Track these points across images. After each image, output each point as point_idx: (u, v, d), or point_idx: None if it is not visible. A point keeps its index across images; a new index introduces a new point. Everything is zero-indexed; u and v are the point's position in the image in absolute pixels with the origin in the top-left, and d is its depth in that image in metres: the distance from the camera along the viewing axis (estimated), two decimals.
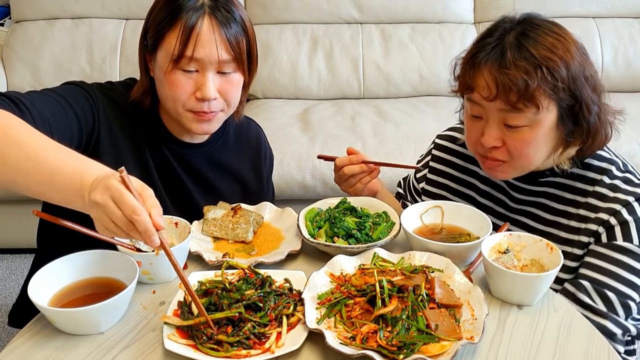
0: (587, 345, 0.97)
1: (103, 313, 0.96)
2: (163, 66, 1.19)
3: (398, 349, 0.89)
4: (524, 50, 1.11)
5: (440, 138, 1.49)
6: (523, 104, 1.11)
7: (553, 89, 1.11)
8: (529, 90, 1.10)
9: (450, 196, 1.42)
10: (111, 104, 1.26)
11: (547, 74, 1.09)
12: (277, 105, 2.91)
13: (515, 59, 1.10)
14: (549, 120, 1.14)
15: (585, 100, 1.13)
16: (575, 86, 1.12)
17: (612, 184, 1.22)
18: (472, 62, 1.16)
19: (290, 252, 1.17)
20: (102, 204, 0.88)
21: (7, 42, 2.95)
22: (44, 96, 1.15)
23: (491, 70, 1.12)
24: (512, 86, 1.10)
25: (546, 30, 1.14)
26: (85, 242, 1.06)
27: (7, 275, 2.61)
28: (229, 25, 1.19)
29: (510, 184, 1.33)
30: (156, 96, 1.28)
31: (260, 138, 1.52)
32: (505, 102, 1.12)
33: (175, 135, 1.33)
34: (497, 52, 1.13)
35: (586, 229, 1.22)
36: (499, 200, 1.35)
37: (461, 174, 1.42)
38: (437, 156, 1.47)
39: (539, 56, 1.10)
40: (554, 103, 1.13)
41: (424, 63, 2.98)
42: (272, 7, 3.03)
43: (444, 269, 1.09)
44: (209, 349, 0.91)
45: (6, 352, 0.95)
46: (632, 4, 3.07)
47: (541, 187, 1.29)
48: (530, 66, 1.10)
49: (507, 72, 1.10)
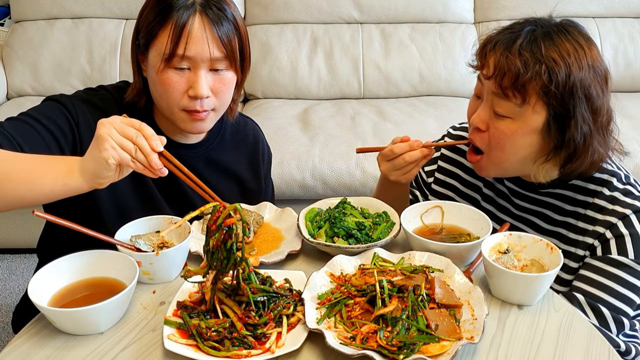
0: (587, 346, 0.97)
1: (103, 313, 0.96)
2: (155, 65, 1.20)
3: (398, 349, 0.89)
4: (535, 44, 1.12)
5: (451, 137, 1.47)
6: (512, 91, 1.12)
7: (545, 90, 1.10)
8: (520, 79, 1.11)
9: (456, 197, 1.42)
10: (92, 110, 1.25)
11: (544, 72, 1.10)
12: (277, 105, 2.91)
13: (522, 48, 1.12)
14: (534, 121, 1.14)
15: (576, 116, 1.11)
16: (569, 97, 1.11)
17: (611, 196, 1.21)
18: (490, 40, 1.19)
19: (290, 252, 1.17)
20: (108, 124, 0.97)
21: (7, 42, 2.95)
22: (16, 121, 1.17)
23: (498, 51, 1.15)
24: (507, 71, 1.12)
25: (570, 37, 1.13)
26: (85, 242, 1.06)
27: (7, 275, 2.60)
28: (220, 23, 1.19)
29: (512, 190, 1.32)
30: (150, 97, 1.28)
31: (257, 136, 1.52)
32: (497, 85, 1.14)
33: (170, 136, 1.33)
34: (512, 38, 1.15)
35: (583, 242, 1.22)
36: (502, 206, 1.35)
37: (468, 176, 1.41)
38: (446, 156, 1.46)
39: (545, 54, 1.11)
40: (544, 106, 1.13)
41: (424, 63, 2.98)
42: (272, 7, 3.03)
43: (444, 269, 1.09)
44: (209, 349, 0.92)
45: (6, 352, 0.95)
46: (633, 4, 3.07)
47: (543, 196, 1.28)
48: (532, 59, 1.11)
49: (508, 56, 1.12)
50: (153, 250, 1.10)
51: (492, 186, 1.36)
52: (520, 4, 3.03)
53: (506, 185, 1.33)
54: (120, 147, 0.96)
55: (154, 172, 1.00)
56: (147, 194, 1.31)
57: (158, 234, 1.16)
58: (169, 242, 1.15)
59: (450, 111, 2.72)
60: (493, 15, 3.08)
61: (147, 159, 0.98)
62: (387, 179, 1.33)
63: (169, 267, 1.11)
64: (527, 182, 1.28)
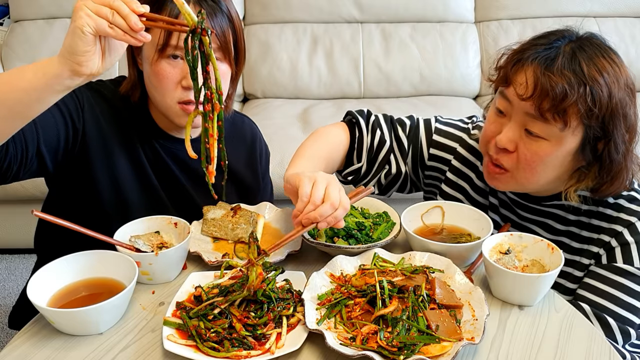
0: (588, 346, 0.97)
1: (102, 313, 0.96)
2: (149, 57, 1.21)
3: (398, 350, 0.88)
4: (576, 62, 1.06)
5: (471, 137, 1.37)
6: (552, 115, 1.06)
7: (587, 112, 1.05)
8: (565, 102, 1.04)
9: (465, 201, 1.35)
10: (98, 98, 1.27)
11: (588, 94, 1.04)
12: (277, 105, 2.91)
13: (564, 67, 1.05)
14: (570, 144, 1.09)
15: (615, 138, 1.07)
16: (610, 119, 1.06)
17: (616, 203, 1.19)
18: (520, 56, 1.11)
19: (290, 252, 1.17)
20: (82, 2, 0.89)
21: (6, 41, 2.94)
22: None
23: (536, 69, 1.07)
24: (550, 91, 1.04)
25: (603, 52, 1.09)
26: (84, 242, 1.06)
27: (6, 275, 2.60)
28: (214, 15, 1.20)
29: (514, 201, 1.29)
30: (145, 92, 1.29)
31: (255, 134, 1.52)
32: (536, 107, 1.06)
33: (166, 130, 1.33)
34: (549, 54, 1.08)
35: (588, 251, 1.20)
36: (505, 216, 1.32)
37: (480, 181, 1.34)
38: (461, 155, 1.36)
39: (588, 74, 1.05)
40: (582, 128, 1.08)
41: (425, 62, 2.98)
42: (272, 6, 3.03)
43: (445, 269, 1.09)
44: (208, 349, 0.91)
45: (6, 352, 0.94)
46: (633, 3, 3.07)
47: (546, 207, 1.25)
48: (575, 80, 1.04)
49: (551, 76, 1.05)
50: (152, 250, 1.10)
51: (497, 195, 1.33)
52: (520, 3, 3.03)
53: (509, 196, 1.29)
54: (96, 14, 0.89)
55: (135, 36, 0.91)
56: (149, 190, 1.31)
57: (157, 235, 1.16)
58: (168, 242, 1.15)
59: (451, 110, 2.71)
60: (494, 14, 3.08)
61: (126, 21, 0.90)
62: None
63: (168, 268, 1.11)
64: (529, 194, 1.24)
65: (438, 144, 1.37)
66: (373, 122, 1.38)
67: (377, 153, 1.36)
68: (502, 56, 1.18)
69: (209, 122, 0.97)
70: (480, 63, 3.05)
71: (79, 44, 0.90)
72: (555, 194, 1.21)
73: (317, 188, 1.06)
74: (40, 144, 1.14)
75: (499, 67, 1.17)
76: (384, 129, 1.37)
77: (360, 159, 1.37)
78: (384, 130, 1.37)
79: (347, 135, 1.37)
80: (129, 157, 1.29)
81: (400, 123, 1.40)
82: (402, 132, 1.38)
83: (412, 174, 1.40)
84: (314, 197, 1.05)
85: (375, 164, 1.37)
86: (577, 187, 1.16)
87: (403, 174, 1.38)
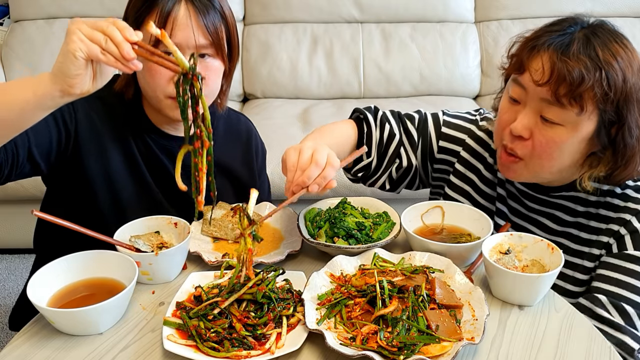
0: (588, 346, 0.97)
1: (102, 313, 0.96)
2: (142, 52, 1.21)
3: (398, 350, 0.88)
4: (591, 47, 1.07)
5: (479, 128, 1.37)
6: (568, 100, 1.06)
7: (603, 97, 1.05)
8: (582, 86, 1.04)
9: (473, 193, 1.36)
10: (92, 96, 1.25)
11: (604, 78, 1.05)
12: (277, 105, 2.91)
13: (580, 52, 1.06)
14: (585, 129, 1.10)
15: (629, 122, 1.08)
16: (624, 103, 1.07)
17: (623, 193, 1.20)
18: (534, 43, 1.12)
19: (290, 252, 1.17)
20: (79, 21, 0.90)
21: (6, 41, 2.95)
22: None
23: (552, 55, 1.08)
24: (567, 76, 1.05)
25: (615, 37, 1.10)
26: (84, 242, 1.06)
27: (6, 275, 2.60)
28: (206, 12, 1.20)
29: (522, 192, 1.29)
30: (139, 89, 1.29)
31: (250, 132, 1.52)
32: (552, 92, 1.07)
33: (160, 127, 1.33)
34: (563, 40, 1.09)
35: (598, 241, 1.20)
36: (512, 207, 1.32)
37: (488, 173, 1.35)
38: (470, 147, 1.36)
39: (603, 58, 1.06)
40: (597, 113, 1.08)
41: (425, 62, 2.98)
42: (272, 6, 3.03)
43: (445, 269, 1.09)
44: (208, 349, 0.91)
45: (6, 352, 0.94)
46: (633, 3, 3.07)
47: (554, 198, 1.25)
48: (591, 64, 1.05)
49: (567, 61, 1.05)
50: (152, 250, 1.10)
51: (505, 186, 1.33)
52: (520, 3, 3.03)
53: (517, 187, 1.30)
54: (89, 39, 0.90)
55: (127, 64, 0.92)
56: (142, 185, 1.32)
57: (157, 235, 1.16)
58: (168, 242, 1.15)
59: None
60: (494, 14, 3.08)
61: (119, 49, 0.90)
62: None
63: (168, 268, 1.11)
64: (538, 185, 1.25)
65: (447, 136, 1.37)
66: (381, 117, 1.39)
67: (387, 147, 1.37)
68: (514, 44, 1.18)
69: (199, 157, 0.98)
70: (480, 63, 3.05)
71: (71, 68, 0.91)
72: (564, 185, 1.22)
73: (303, 155, 1.07)
74: (31, 148, 1.15)
75: (511, 55, 1.18)
76: (393, 123, 1.38)
77: (370, 154, 1.37)
78: (393, 124, 1.38)
79: (354, 130, 1.38)
80: (122, 151, 1.29)
81: (409, 117, 1.41)
82: (411, 125, 1.38)
83: (421, 169, 1.40)
84: (301, 163, 1.06)
85: (385, 158, 1.37)
86: (591, 174, 1.16)
87: (414, 167, 1.38)
